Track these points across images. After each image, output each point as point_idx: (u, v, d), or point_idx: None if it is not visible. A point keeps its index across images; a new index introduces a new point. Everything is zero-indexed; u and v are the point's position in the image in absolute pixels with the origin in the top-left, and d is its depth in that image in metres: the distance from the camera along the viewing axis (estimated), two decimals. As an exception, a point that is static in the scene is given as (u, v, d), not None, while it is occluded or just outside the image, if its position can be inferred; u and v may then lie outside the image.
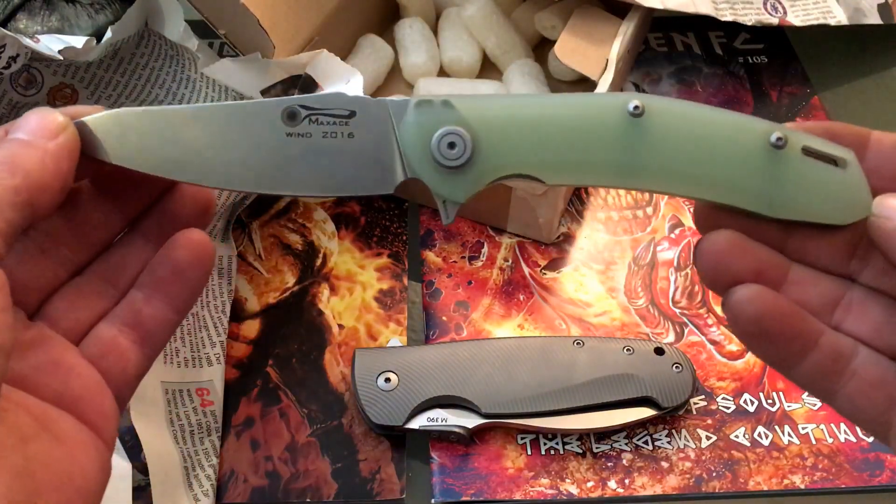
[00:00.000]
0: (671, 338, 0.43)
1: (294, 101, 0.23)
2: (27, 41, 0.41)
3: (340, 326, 0.44)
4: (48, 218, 0.22)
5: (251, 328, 0.44)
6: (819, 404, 0.41)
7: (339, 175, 0.23)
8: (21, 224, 0.20)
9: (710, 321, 0.44)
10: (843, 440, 0.39)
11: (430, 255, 0.47)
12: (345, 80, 0.43)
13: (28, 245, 0.24)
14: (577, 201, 0.50)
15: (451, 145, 0.23)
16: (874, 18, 0.56)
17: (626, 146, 0.23)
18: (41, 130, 0.22)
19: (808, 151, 0.23)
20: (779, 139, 0.22)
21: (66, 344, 0.23)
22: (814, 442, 0.39)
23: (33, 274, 0.24)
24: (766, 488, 0.38)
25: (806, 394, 0.41)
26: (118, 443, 0.34)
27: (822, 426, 0.40)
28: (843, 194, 0.23)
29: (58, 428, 0.21)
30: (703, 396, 0.41)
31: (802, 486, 0.38)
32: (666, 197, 0.50)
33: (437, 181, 0.23)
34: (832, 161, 0.23)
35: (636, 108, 0.23)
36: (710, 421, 0.40)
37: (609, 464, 0.39)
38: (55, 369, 0.22)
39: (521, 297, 0.45)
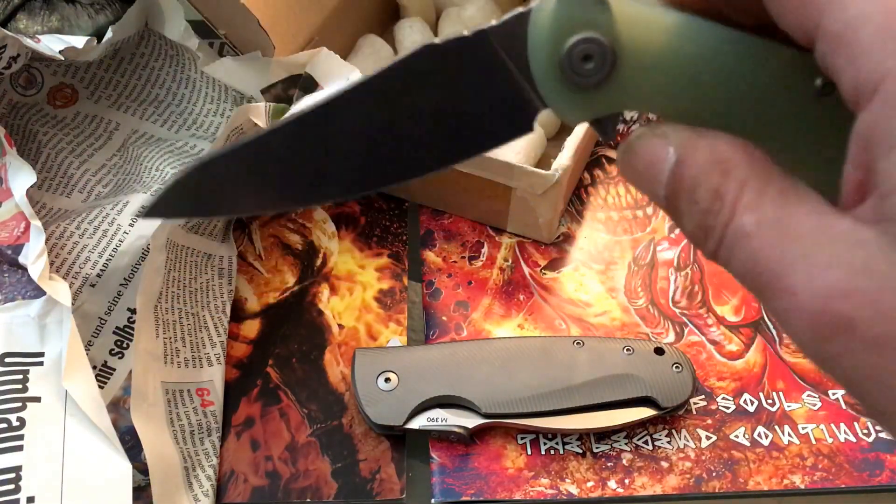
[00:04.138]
0: (671, 338, 0.43)
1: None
2: (28, 41, 0.41)
3: (340, 326, 0.44)
4: None
5: (251, 328, 0.44)
6: (819, 404, 0.41)
7: (458, 137, 0.19)
8: None
9: (710, 321, 0.44)
10: (842, 440, 0.39)
11: (430, 255, 0.47)
12: (344, 78, 0.43)
13: None
14: (576, 201, 0.50)
15: (587, 58, 0.18)
16: (874, 18, 0.55)
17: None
18: None
19: None
20: None
21: None
22: (813, 442, 0.39)
23: None
24: (765, 488, 0.38)
25: (806, 394, 0.41)
26: (118, 443, 0.34)
27: (822, 426, 0.40)
28: None
29: None
30: (703, 396, 0.41)
31: (802, 486, 0.38)
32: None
33: (561, 102, 0.19)
34: None
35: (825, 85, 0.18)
36: (710, 421, 0.40)
37: (609, 464, 0.39)
38: None
39: (521, 297, 0.45)
